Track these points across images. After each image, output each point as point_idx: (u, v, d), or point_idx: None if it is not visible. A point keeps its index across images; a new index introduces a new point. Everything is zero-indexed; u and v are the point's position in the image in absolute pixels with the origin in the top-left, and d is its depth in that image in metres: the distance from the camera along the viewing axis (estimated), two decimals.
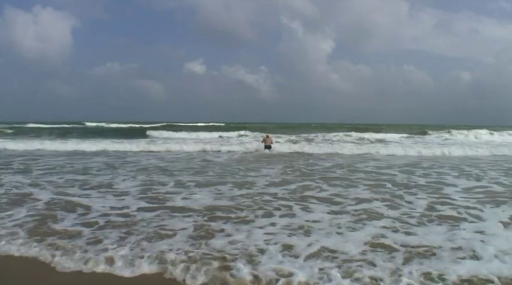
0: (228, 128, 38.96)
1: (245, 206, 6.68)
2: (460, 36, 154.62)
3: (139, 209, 6.43)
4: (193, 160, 14.58)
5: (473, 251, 4.35)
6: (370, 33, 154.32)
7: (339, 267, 3.90)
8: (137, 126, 46.31)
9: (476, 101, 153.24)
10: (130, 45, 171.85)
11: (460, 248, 4.47)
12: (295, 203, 6.95)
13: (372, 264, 4.02)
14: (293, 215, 6.12)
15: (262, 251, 4.36)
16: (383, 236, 4.97)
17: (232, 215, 6.06)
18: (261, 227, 5.37)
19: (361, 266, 3.94)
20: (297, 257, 4.20)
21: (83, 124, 55.87)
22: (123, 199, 7.20)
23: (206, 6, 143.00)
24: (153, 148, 19.52)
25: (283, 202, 7.05)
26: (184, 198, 7.36)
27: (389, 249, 4.48)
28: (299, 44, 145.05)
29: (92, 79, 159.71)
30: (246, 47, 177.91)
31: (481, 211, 6.35)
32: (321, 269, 3.84)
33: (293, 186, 8.71)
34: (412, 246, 4.54)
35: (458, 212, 6.27)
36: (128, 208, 6.53)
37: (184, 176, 10.13)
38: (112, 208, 6.51)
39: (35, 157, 14.94)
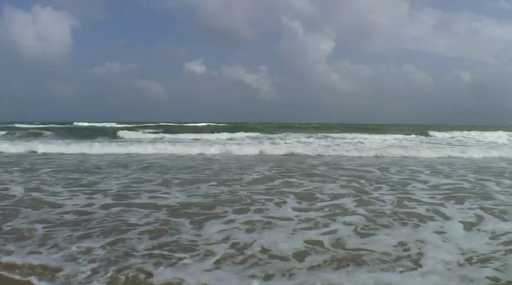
0: (231, 128, 35.95)
1: (220, 202, 6.58)
2: (460, 36, 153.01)
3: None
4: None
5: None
6: (370, 33, 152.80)
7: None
8: (125, 126, 42.82)
9: (476, 101, 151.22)
10: (130, 45, 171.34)
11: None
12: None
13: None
14: (262, 210, 6.03)
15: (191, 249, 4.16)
16: (329, 235, 4.69)
17: (200, 211, 5.94)
18: (220, 223, 5.26)
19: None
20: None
21: (72, 123, 52.51)
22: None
23: (206, 6, 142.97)
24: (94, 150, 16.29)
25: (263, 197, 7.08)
26: (154, 196, 7.15)
27: (322, 252, 4.11)
28: (299, 44, 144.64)
29: (92, 79, 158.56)
30: (246, 46, 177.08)
31: None
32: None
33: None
34: (352, 249, 4.18)
35: (427, 210, 5.92)
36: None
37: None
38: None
39: None
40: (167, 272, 3.59)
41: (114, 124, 48.78)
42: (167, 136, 27.76)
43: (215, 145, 17.80)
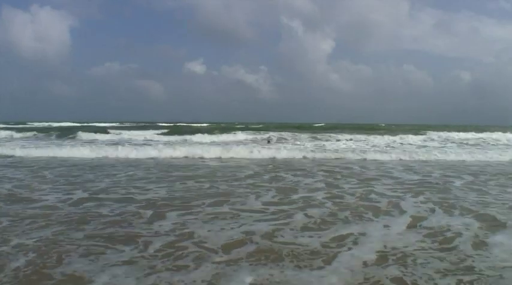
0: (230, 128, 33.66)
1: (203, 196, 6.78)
2: (460, 36, 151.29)
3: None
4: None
5: None
6: (370, 32, 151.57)
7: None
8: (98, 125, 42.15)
9: (477, 101, 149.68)
10: (130, 45, 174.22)
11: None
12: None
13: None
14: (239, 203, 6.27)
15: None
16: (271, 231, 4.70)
17: (177, 205, 6.12)
18: (181, 215, 5.42)
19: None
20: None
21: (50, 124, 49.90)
22: None
23: (206, 6, 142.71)
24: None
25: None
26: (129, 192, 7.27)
27: (251, 244, 4.17)
28: (299, 44, 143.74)
29: (92, 79, 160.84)
30: (246, 46, 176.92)
31: None
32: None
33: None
34: (282, 243, 4.23)
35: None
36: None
37: None
38: None
39: None
40: (77, 262, 3.64)
41: (112, 124, 47.69)
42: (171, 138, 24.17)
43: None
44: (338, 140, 23.25)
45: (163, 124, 45.72)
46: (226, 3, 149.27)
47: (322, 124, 42.01)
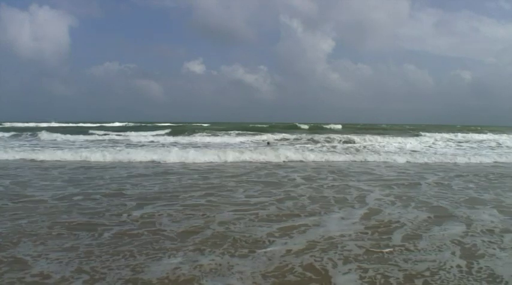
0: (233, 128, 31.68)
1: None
2: (460, 35, 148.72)
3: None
4: None
5: None
6: (370, 32, 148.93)
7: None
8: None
9: (477, 101, 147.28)
10: (129, 45, 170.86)
11: None
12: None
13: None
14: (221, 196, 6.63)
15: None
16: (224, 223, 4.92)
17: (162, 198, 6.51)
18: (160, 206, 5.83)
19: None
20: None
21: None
22: None
23: (205, 6, 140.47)
24: None
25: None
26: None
27: (205, 232, 4.42)
28: (298, 43, 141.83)
29: (91, 79, 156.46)
30: (245, 46, 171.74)
31: None
32: None
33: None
34: (229, 231, 4.50)
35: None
36: None
37: None
38: None
39: None
40: (25, 247, 3.97)
41: (109, 124, 44.64)
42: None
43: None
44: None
45: (164, 124, 44.50)
46: (226, 3, 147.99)
47: (339, 126, 40.95)
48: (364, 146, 19.07)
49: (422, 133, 27.71)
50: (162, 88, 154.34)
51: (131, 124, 47.18)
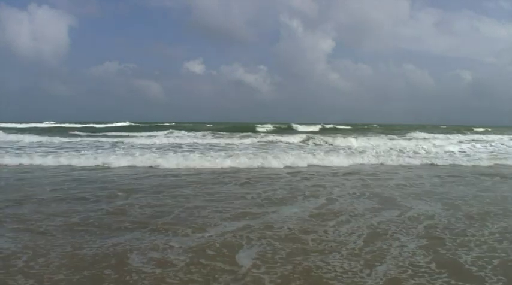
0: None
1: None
2: (460, 35, 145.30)
3: None
4: None
5: None
6: (370, 32, 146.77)
7: None
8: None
9: (477, 101, 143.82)
10: (129, 45, 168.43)
11: None
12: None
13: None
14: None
15: None
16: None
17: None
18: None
19: None
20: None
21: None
22: None
23: (205, 6, 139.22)
24: None
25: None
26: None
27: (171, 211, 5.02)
28: (298, 43, 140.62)
29: (91, 79, 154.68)
30: (245, 46, 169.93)
31: None
32: None
33: None
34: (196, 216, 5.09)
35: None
36: None
37: None
38: None
39: None
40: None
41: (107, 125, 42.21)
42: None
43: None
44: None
45: (165, 124, 44.28)
46: (225, 3, 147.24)
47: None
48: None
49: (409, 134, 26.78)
50: (162, 88, 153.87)
51: (126, 124, 46.04)
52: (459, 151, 15.87)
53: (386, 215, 5.36)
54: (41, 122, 47.55)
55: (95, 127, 37.84)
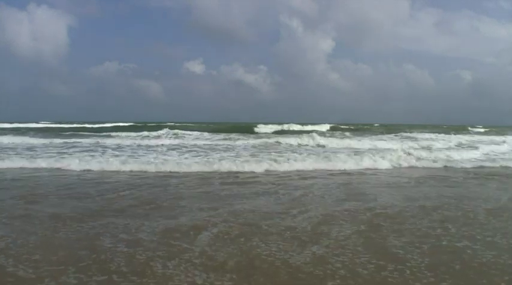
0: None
1: None
2: (460, 35, 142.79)
3: None
4: None
5: None
6: (370, 32, 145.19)
7: None
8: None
9: (477, 101, 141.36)
10: (129, 45, 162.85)
11: None
12: None
13: None
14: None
15: None
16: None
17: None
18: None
19: None
20: None
21: None
22: None
23: (205, 5, 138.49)
24: None
25: None
26: None
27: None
28: (298, 43, 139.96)
29: (91, 79, 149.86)
30: (245, 46, 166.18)
31: None
32: None
33: None
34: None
35: None
36: None
37: None
38: None
39: None
40: None
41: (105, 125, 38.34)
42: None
43: None
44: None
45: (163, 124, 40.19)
46: (225, 2, 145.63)
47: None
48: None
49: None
50: (162, 88, 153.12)
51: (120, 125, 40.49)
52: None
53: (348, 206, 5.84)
54: (38, 122, 47.40)
55: (88, 128, 35.62)
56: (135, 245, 3.99)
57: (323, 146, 17.35)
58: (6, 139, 19.13)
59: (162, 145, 16.92)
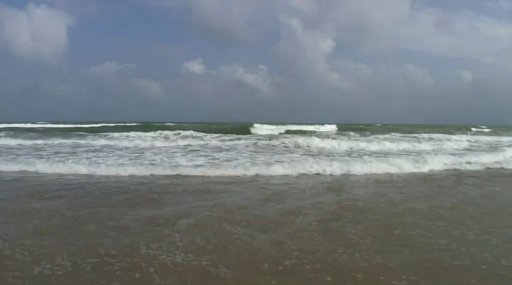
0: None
1: None
2: (460, 35, 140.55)
3: None
4: None
5: None
6: (370, 32, 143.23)
7: None
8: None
9: (477, 101, 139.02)
10: (129, 45, 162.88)
11: None
12: None
13: None
14: None
15: None
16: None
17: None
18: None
19: None
20: None
21: None
22: None
23: (205, 5, 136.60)
24: None
25: None
26: None
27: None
28: (298, 43, 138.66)
29: (91, 79, 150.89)
30: (245, 46, 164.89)
31: None
32: None
33: None
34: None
35: None
36: None
37: None
38: None
39: None
40: None
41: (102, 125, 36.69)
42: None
43: None
44: None
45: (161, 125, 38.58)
46: (225, 2, 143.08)
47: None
48: None
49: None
50: (161, 88, 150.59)
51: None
52: None
53: (321, 199, 6.35)
54: (35, 122, 46.81)
55: (85, 128, 33.19)
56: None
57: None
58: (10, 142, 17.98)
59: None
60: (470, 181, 8.59)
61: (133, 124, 39.72)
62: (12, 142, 17.65)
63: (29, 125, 38.12)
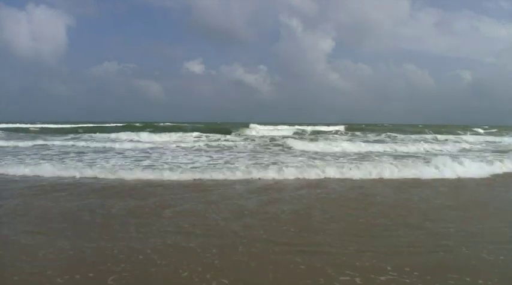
0: None
1: None
2: (460, 35, 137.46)
3: None
4: None
5: None
6: (370, 32, 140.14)
7: None
8: None
9: (477, 101, 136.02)
10: (128, 45, 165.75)
11: None
12: None
13: None
14: None
15: None
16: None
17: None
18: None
19: None
20: None
21: None
22: None
23: (205, 5, 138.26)
24: None
25: None
26: None
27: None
28: (298, 43, 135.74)
29: (90, 79, 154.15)
30: (245, 46, 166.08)
31: None
32: None
33: None
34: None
35: None
36: None
37: None
38: None
39: None
40: None
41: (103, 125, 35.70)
42: None
43: None
44: None
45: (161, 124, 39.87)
46: (225, 2, 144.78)
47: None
48: None
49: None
50: (161, 88, 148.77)
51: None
52: None
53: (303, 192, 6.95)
54: (35, 122, 47.76)
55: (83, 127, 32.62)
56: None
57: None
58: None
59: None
60: None
61: (137, 124, 39.80)
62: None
63: (28, 125, 38.43)
